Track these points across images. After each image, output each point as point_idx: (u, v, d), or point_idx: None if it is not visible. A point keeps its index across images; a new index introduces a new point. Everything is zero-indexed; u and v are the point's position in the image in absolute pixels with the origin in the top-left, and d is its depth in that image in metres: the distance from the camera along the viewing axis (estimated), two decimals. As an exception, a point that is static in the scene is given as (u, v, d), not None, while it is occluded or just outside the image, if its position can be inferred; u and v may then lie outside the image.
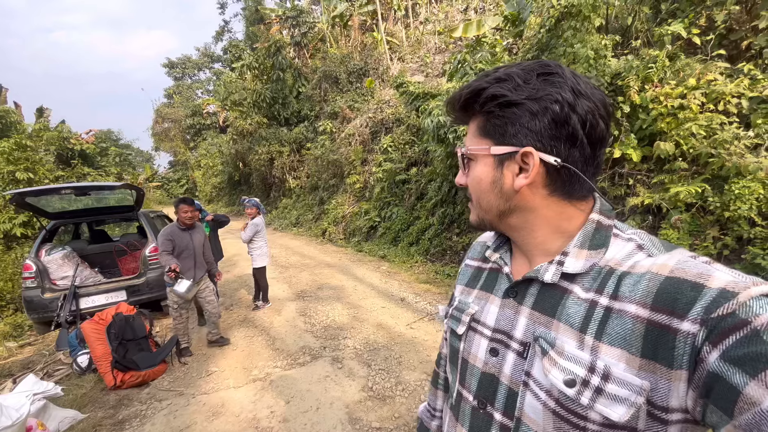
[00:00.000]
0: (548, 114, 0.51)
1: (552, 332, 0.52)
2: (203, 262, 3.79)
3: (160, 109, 33.95)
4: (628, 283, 0.48)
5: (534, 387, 0.52)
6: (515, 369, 0.56)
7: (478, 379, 0.61)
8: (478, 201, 0.61)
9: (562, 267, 0.53)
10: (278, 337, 4.00)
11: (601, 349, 0.47)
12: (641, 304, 0.45)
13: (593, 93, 0.52)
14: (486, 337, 0.61)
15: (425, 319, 4.21)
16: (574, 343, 0.49)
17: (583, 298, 0.51)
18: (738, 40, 4.26)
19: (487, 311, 0.63)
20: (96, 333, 3.27)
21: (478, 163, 0.59)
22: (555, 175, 0.53)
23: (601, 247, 0.53)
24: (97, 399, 3.02)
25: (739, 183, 3.52)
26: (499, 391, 0.57)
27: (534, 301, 0.56)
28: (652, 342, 0.43)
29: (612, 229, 0.55)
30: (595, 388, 0.46)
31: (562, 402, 0.49)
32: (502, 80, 0.53)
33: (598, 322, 0.48)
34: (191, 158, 30.63)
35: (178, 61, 38.13)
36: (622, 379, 0.45)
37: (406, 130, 9.72)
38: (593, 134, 0.52)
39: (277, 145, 14.84)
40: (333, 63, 14.30)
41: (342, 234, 10.03)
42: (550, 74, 0.52)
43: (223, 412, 2.76)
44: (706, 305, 0.40)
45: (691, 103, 3.91)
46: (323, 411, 2.67)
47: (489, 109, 0.54)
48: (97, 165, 15.08)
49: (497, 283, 0.64)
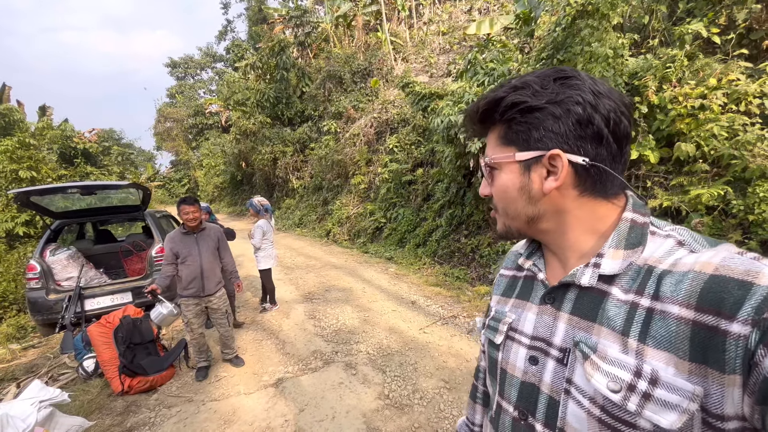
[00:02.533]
0: (572, 116, 0.51)
1: (593, 336, 0.50)
2: (215, 273, 3.25)
3: (162, 109, 33.89)
4: (669, 283, 0.46)
5: (576, 394, 0.51)
6: (556, 377, 0.54)
7: (517, 389, 0.60)
8: (505, 209, 0.60)
9: (599, 269, 0.52)
10: (288, 341, 3.91)
11: (647, 353, 0.45)
12: (685, 304, 0.43)
13: (612, 93, 0.53)
14: (524, 345, 0.60)
15: (438, 323, 4.12)
16: (618, 347, 0.48)
17: (623, 299, 0.49)
18: (759, 40, 4.17)
19: (525, 319, 0.62)
20: (103, 336, 3.18)
21: (503, 172, 0.58)
22: (584, 175, 0.53)
23: (638, 246, 0.51)
24: (104, 405, 2.93)
25: (763, 185, 3.43)
26: (540, 401, 0.56)
27: (572, 306, 0.55)
28: (701, 345, 0.41)
29: (648, 226, 0.53)
30: (643, 393, 0.44)
31: (608, 409, 0.47)
32: (519, 88, 0.54)
33: (641, 324, 0.46)
34: (193, 158, 30.59)
35: (180, 61, 38.09)
36: (672, 383, 0.42)
37: (412, 130, 9.63)
38: (618, 131, 0.52)
39: (280, 145, 14.76)
40: (337, 63, 14.23)
41: (347, 235, 9.94)
42: (567, 78, 0.53)
43: (235, 420, 2.66)
44: (756, 305, 0.38)
45: (713, 104, 3.81)
46: (339, 420, 2.58)
47: (510, 116, 0.55)
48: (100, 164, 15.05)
49: (533, 290, 0.63)
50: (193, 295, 3.15)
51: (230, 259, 3.47)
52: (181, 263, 3.13)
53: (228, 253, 3.45)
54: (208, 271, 3.20)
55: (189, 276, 3.12)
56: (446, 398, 2.76)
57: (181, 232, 3.21)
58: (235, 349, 3.51)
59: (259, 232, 4.59)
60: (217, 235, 3.35)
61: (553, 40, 4.68)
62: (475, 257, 6.02)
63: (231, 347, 3.45)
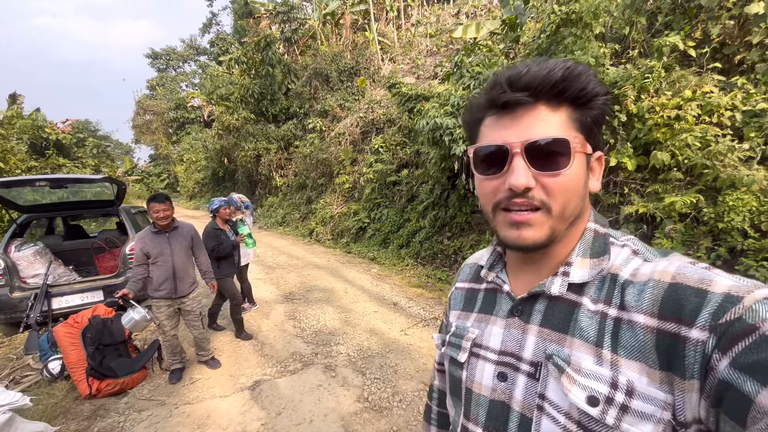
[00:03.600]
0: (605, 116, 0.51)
1: (566, 348, 0.49)
2: (188, 273, 3.12)
3: (141, 101, 32.84)
4: (632, 292, 0.46)
5: (550, 410, 0.48)
6: (527, 393, 0.51)
7: (486, 409, 0.56)
8: (564, 207, 0.49)
9: (568, 278, 0.51)
10: (266, 342, 3.83)
11: (621, 363, 0.45)
12: (649, 313, 0.44)
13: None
14: (491, 361, 0.57)
15: (419, 325, 4.12)
16: (592, 359, 0.46)
17: (593, 309, 0.49)
18: (731, 55, 4.34)
19: (490, 333, 0.58)
20: (70, 337, 3.03)
21: (575, 160, 0.48)
22: None
23: (604, 254, 0.51)
24: (69, 409, 2.79)
25: (732, 195, 3.56)
26: (511, 420, 0.52)
27: (542, 317, 0.53)
28: (665, 353, 0.42)
29: (609, 236, 0.54)
30: (621, 405, 0.43)
31: (584, 424, 0.45)
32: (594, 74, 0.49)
33: (611, 334, 0.46)
34: (173, 152, 29.74)
35: (162, 52, 37.03)
36: (647, 394, 0.42)
37: (397, 131, 9.63)
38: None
39: (264, 141, 14.50)
40: (324, 61, 14.09)
41: (330, 234, 9.86)
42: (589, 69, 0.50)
43: (209, 424, 2.59)
44: (712, 311, 0.39)
45: (687, 115, 3.95)
46: (317, 424, 2.54)
47: (597, 102, 0.49)
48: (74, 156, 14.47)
49: (497, 303, 0.60)
50: (165, 297, 3.01)
51: (205, 259, 3.34)
52: (152, 264, 2.98)
53: (203, 253, 3.32)
54: (181, 272, 3.05)
55: (160, 277, 2.98)
56: (426, 401, 2.76)
57: (151, 231, 3.03)
58: (210, 351, 3.41)
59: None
60: (191, 234, 3.20)
61: (537, 47, 4.76)
62: (457, 259, 6.06)
63: (206, 349, 3.35)
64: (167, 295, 3.01)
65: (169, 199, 3.05)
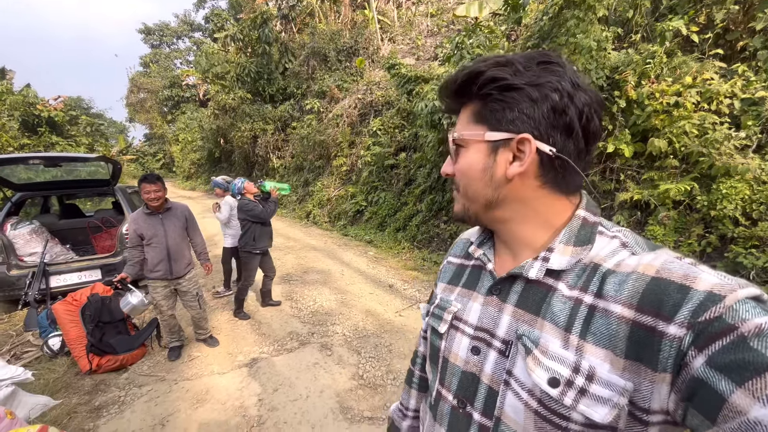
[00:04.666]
0: (548, 102, 0.50)
1: (536, 330, 0.51)
2: (183, 254, 3.11)
3: (135, 78, 32.14)
4: (613, 282, 0.47)
5: (515, 386, 0.52)
6: (497, 368, 0.55)
7: (458, 378, 0.60)
8: (465, 190, 0.59)
9: (547, 263, 0.53)
10: (264, 322, 3.90)
11: (586, 349, 0.47)
12: (627, 304, 0.45)
13: (589, 88, 0.52)
14: (468, 335, 0.60)
15: (414, 306, 4.19)
16: (559, 342, 0.49)
17: (568, 295, 0.50)
18: (734, 41, 4.29)
19: (470, 309, 0.62)
20: (69, 315, 3.07)
21: (469, 150, 0.57)
22: (548, 166, 0.52)
23: (587, 244, 0.52)
24: (70, 384, 2.86)
25: (726, 183, 3.60)
26: (479, 391, 0.57)
27: (518, 298, 0.55)
28: (637, 343, 0.43)
29: (598, 226, 0.54)
30: (579, 388, 0.46)
31: (545, 402, 0.48)
32: (502, 64, 0.52)
33: (582, 321, 0.48)
34: (168, 132, 29.34)
35: (155, 28, 36.00)
36: (607, 380, 0.44)
37: (396, 113, 9.52)
38: (588, 128, 0.52)
39: (261, 122, 14.30)
40: (322, 39, 13.75)
41: (327, 217, 9.87)
42: (550, 63, 0.52)
43: (208, 399, 2.66)
44: (693, 308, 0.40)
45: (687, 101, 3.93)
46: (313, 399, 2.62)
47: (488, 91, 0.53)
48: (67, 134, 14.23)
49: (480, 280, 0.63)
50: (160, 278, 3.03)
51: (200, 239, 3.32)
52: (146, 245, 2.97)
53: (197, 233, 3.30)
54: (176, 253, 3.05)
55: (155, 258, 2.98)
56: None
57: (144, 212, 2.99)
58: (208, 330, 3.47)
59: (226, 208, 4.44)
60: (185, 214, 3.18)
61: (539, 29, 4.68)
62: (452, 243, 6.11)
63: (204, 328, 3.41)
64: (162, 276, 3.03)
65: (161, 179, 3.00)
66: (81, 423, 2.44)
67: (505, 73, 0.51)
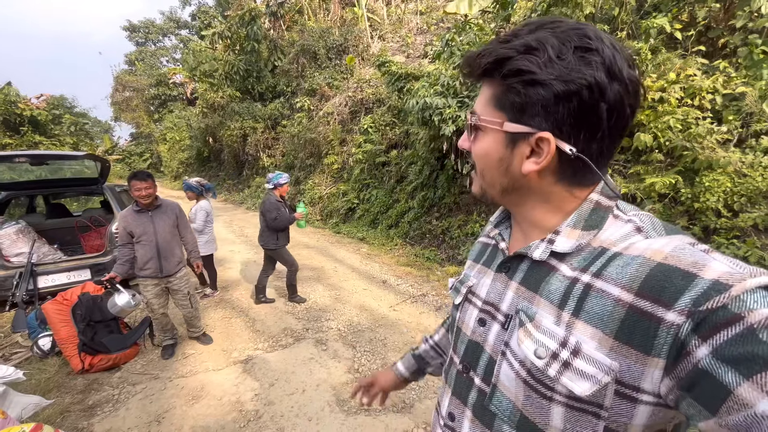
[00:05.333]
0: (575, 99, 0.46)
1: (534, 307, 0.54)
2: (174, 252, 3.07)
3: (120, 76, 31.48)
4: (617, 265, 0.47)
5: (510, 357, 0.55)
6: (497, 339, 0.59)
7: (465, 345, 0.65)
8: (482, 174, 0.59)
9: (552, 245, 0.54)
10: (258, 319, 3.89)
11: (576, 326, 0.48)
12: (626, 288, 0.44)
13: (629, 74, 0.47)
14: (477, 307, 0.65)
15: (408, 301, 4.23)
16: (552, 319, 0.51)
17: (567, 275, 0.52)
18: (715, 38, 4.41)
19: (482, 284, 0.66)
20: (60, 314, 3.03)
21: (487, 135, 0.55)
22: (566, 164, 0.51)
23: (595, 228, 0.52)
24: (63, 384, 2.83)
25: (709, 176, 3.71)
26: (482, 359, 0.61)
27: (523, 276, 0.58)
28: (630, 326, 0.43)
29: (612, 210, 0.53)
30: (563, 362, 0.48)
31: (533, 372, 0.51)
32: (533, 49, 0.47)
33: (576, 299, 0.49)
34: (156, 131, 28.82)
35: (140, 25, 35.29)
36: (591, 356, 0.46)
37: (387, 111, 9.53)
38: (617, 125, 0.48)
39: (250, 120, 14.18)
40: (311, 37, 13.67)
41: (319, 215, 9.86)
42: (588, 50, 0.46)
43: (204, 395, 2.66)
44: (695, 297, 0.39)
45: (671, 97, 4.04)
46: (309, 393, 2.64)
47: (511, 84, 0.49)
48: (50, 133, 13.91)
49: (495, 258, 0.67)
50: (150, 276, 3.00)
51: (191, 237, 3.31)
52: (136, 243, 2.94)
53: (188, 231, 3.28)
54: (166, 251, 3.01)
55: (145, 256, 2.94)
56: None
57: (134, 209, 2.96)
58: (201, 328, 3.44)
59: (202, 214, 4.29)
60: (175, 212, 3.14)
61: (528, 26, 4.74)
62: (445, 239, 6.17)
63: (196, 326, 3.38)
64: (153, 275, 2.99)
65: (151, 176, 2.97)
66: (75, 422, 2.42)
67: (534, 65, 0.47)
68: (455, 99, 5.19)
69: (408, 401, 2.55)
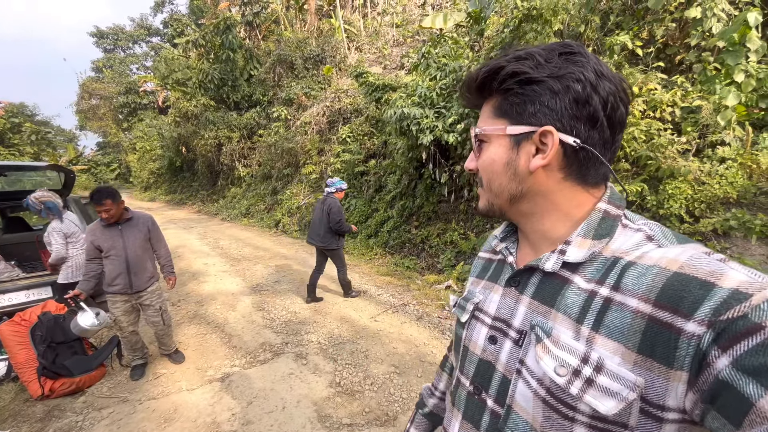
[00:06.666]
0: (570, 93, 0.49)
1: (549, 321, 0.52)
2: (145, 267, 2.91)
3: (86, 84, 30.29)
4: (632, 275, 0.46)
5: (526, 375, 0.52)
6: (510, 357, 0.56)
7: (475, 365, 0.62)
8: (489, 184, 0.59)
9: (564, 256, 0.53)
10: (234, 334, 3.76)
11: (597, 341, 0.46)
12: (644, 298, 0.44)
13: (614, 76, 0.51)
14: (486, 325, 0.62)
15: (389, 311, 4.21)
16: (571, 333, 0.49)
17: (584, 288, 0.50)
18: (673, 55, 4.71)
19: (490, 300, 0.63)
20: (17, 336, 2.82)
21: (491, 144, 0.57)
22: (572, 158, 0.52)
23: (606, 237, 0.51)
24: (19, 411, 2.62)
25: (672, 184, 3.92)
26: (494, 379, 0.58)
27: (534, 290, 0.56)
28: (651, 339, 0.42)
29: (620, 218, 0.53)
30: (586, 378, 0.46)
31: (553, 391, 0.49)
32: (523, 58, 0.52)
33: (596, 313, 0.47)
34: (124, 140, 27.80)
35: (109, 31, 34.21)
36: (616, 372, 0.44)
37: (365, 120, 9.60)
38: (613, 117, 0.51)
39: (225, 130, 13.91)
40: (288, 47, 13.66)
41: (297, 225, 9.71)
42: (572, 53, 0.51)
43: (177, 417, 2.53)
44: (715, 306, 0.38)
45: (634, 110, 4.26)
46: (290, 410, 2.56)
47: (508, 86, 0.53)
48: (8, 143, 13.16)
49: (502, 272, 0.65)
50: (119, 292, 2.84)
51: (164, 251, 3.12)
52: (104, 257, 2.79)
53: (162, 244, 3.10)
54: (136, 266, 2.85)
55: (113, 272, 2.79)
56: (396, 382, 2.85)
57: (101, 224, 2.80)
58: (173, 345, 3.28)
59: (58, 237, 3.46)
60: (147, 225, 2.98)
61: (501, 41, 4.91)
62: (424, 248, 6.20)
63: (167, 344, 3.22)
64: (122, 290, 2.84)
65: (111, 194, 2.71)
66: (33, 453, 2.24)
67: (526, 66, 0.51)
68: (432, 109, 5.28)
69: (391, 414, 2.51)
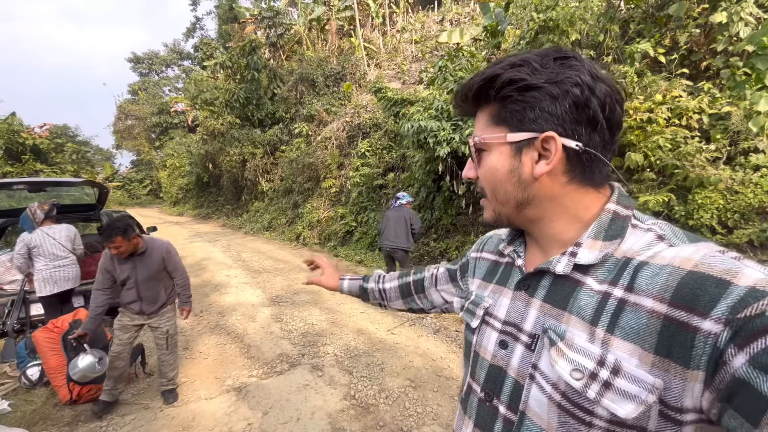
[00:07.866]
0: (569, 97, 0.49)
1: (562, 324, 0.51)
2: (156, 298, 2.78)
3: (123, 106, 32.22)
4: (645, 275, 0.45)
5: (540, 380, 0.51)
6: (523, 361, 0.55)
7: (486, 371, 0.61)
8: (494, 193, 0.58)
9: (575, 258, 0.52)
10: (253, 345, 3.81)
11: (613, 343, 0.45)
12: (659, 298, 0.43)
13: (608, 78, 0.52)
14: (496, 329, 0.61)
15: (406, 324, 4.17)
16: (585, 336, 0.48)
17: (596, 290, 0.49)
18: (698, 61, 4.57)
19: (500, 304, 0.62)
20: (50, 342, 2.97)
21: (492, 153, 0.56)
22: (575, 161, 0.52)
23: (617, 238, 0.51)
24: (49, 415, 2.73)
25: (701, 193, 3.75)
26: (506, 384, 0.57)
27: (545, 293, 0.55)
28: (668, 339, 0.41)
29: (630, 219, 0.53)
30: (604, 382, 0.45)
31: (568, 395, 0.48)
32: (518, 65, 0.52)
33: (610, 315, 0.46)
34: (156, 158, 29.21)
35: (144, 57, 36.47)
36: (634, 375, 0.43)
37: (383, 135, 9.72)
38: (612, 118, 0.51)
39: (250, 146, 14.41)
40: (310, 66, 14.14)
41: (317, 238, 9.84)
42: (566, 58, 0.51)
43: (195, 425, 2.57)
44: (732, 304, 0.38)
45: (659, 117, 4.14)
46: (304, 422, 2.55)
47: (506, 94, 0.52)
48: (51, 161, 14.10)
49: (511, 276, 0.64)
50: (134, 312, 2.77)
51: (181, 279, 2.92)
52: (120, 285, 2.70)
53: (179, 272, 2.90)
54: (147, 297, 2.75)
55: (127, 297, 2.71)
56: (411, 396, 2.80)
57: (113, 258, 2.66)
58: (173, 380, 2.93)
59: (19, 245, 3.42)
60: (162, 254, 2.79)
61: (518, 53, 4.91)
62: (443, 260, 6.14)
63: (167, 376, 2.89)
64: (136, 312, 2.77)
65: (123, 232, 2.54)
66: (59, 456, 2.32)
67: (523, 73, 0.50)
68: (449, 122, 5.31)
69: (405, 428, 2.46)
